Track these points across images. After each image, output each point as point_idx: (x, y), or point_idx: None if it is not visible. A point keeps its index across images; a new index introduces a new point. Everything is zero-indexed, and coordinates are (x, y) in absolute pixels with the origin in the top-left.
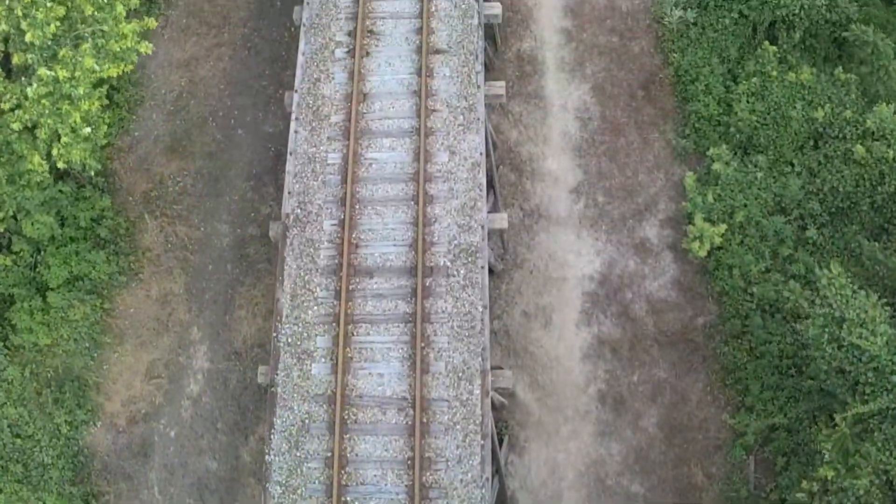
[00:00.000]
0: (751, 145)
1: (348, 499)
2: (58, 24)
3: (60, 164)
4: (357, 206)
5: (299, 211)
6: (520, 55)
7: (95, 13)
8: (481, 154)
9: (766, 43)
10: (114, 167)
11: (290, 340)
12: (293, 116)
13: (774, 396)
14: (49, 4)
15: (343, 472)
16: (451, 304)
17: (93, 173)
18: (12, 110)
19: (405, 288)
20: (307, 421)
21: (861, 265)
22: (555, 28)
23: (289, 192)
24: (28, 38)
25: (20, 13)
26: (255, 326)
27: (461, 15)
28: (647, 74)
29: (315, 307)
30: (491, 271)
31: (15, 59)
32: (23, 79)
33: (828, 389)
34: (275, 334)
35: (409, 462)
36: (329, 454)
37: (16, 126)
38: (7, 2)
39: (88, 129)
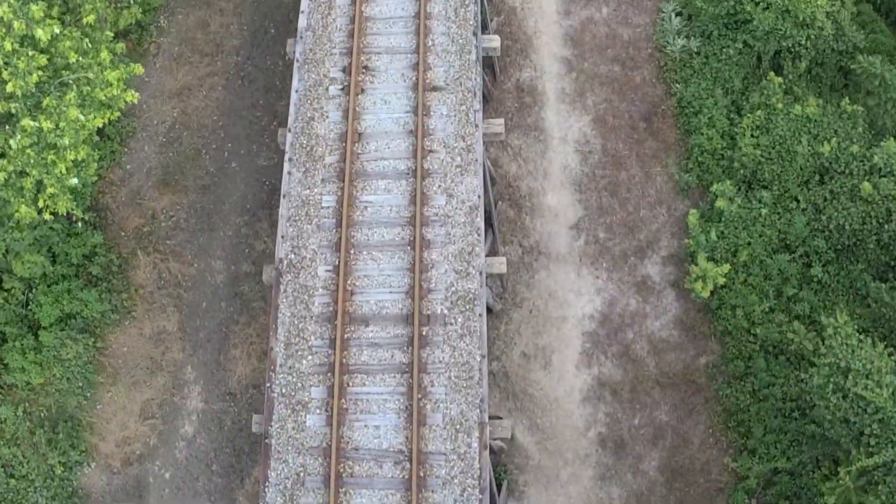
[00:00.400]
0: (755, 180)
1: None
2: (40, 73)
3: (47, 216)
4: (352, 252)
5: (293, 256)
6: (519, 85)
7: (80, 59)
8: (479, 197)
9: (772, 74)
10: (105, 201)
11: (284, 391)
12: (286, 157)
13: (777, 440)
14: (31, 53)
15: None
16: (448, 354)
17: (80, 222)
18: None
19: (401, 337)
20: (302, 474)
21: (867, 306)
22: (555, 57)
23: (282, 237)
24: (9, 88)
25: (0, 62)
26: (249, 367)
27: (458, 50)
28: (649, 105)
29: (309, 356)
30: (489, 311)
31: None
32: (6, 128)
33: (832, 437)
34: (268, 384)
35: None
36: None
37: (0, 177)
38: None
39: (75, 181)
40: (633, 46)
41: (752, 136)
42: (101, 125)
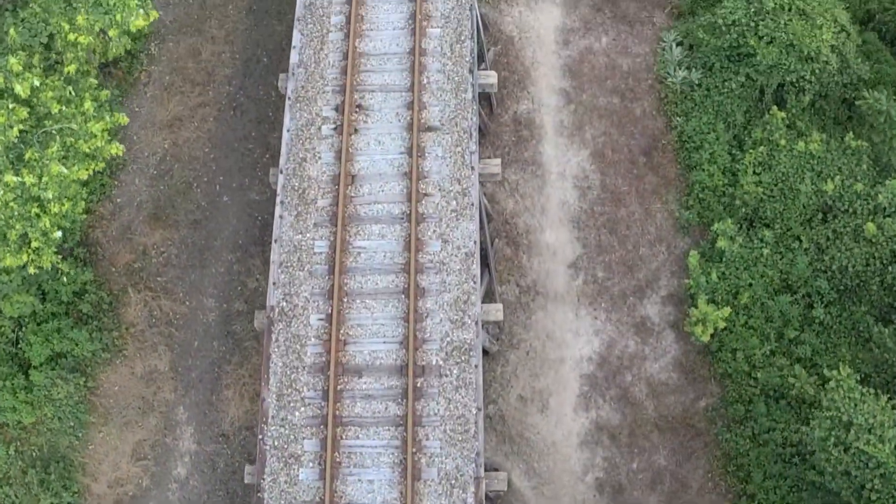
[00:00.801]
0: (757, 218)
1: None
2: (21, 126)
3: (31, 270)
4: (345, 300)
5: (285, 304)
6: (517, 118)
7: (63, 108)
8: (475, 243)
9: (775, 108)
10: (95, 236)
11: (276, 443)
12: (278, 199)
13: (777, 486)
14: (11, 106)
15: None
16: (443, 407)
17: (65, 278)
18: None
19: (396, 388)
20: None
21: (869, 350)
22: (553, 89)
23: (273, 283)
24: None
25: None
26: (242, 408)
27: (454, 88)
28: (649, 139)
29: (302, 408)
30: (486, 353)
31: None
32: None
33: (832, 489)
34: (260, 436)
35: None
36: None
37: None
38: None
39: (59, 234)
40: (632, 77)
41: (754, 173)
42: (85, 177)
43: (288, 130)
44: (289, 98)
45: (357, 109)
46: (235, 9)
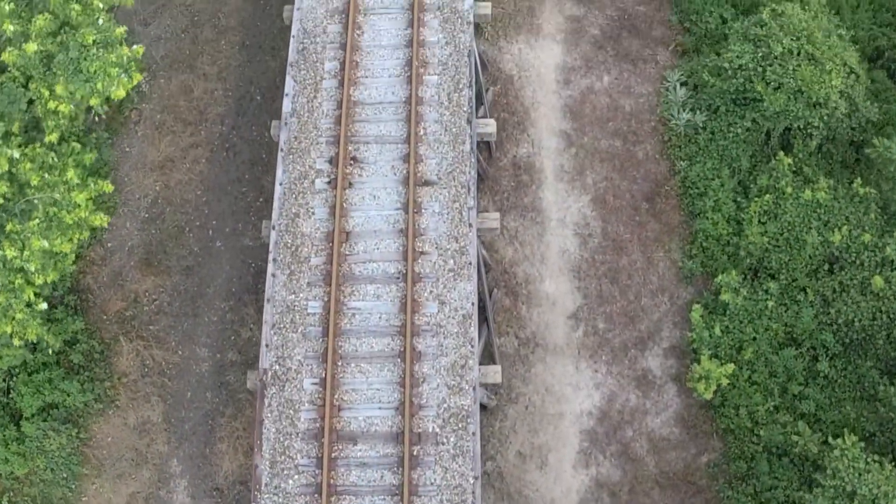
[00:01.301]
0: (762, 268)
1: None
2: (1, 200)
3: (17, 342)
4: (340, 363)
5: (278, 367)
6: (516, 162)
7: (46, 175)
8: (473, 304)
9: (781, 154)
10: (86, 282)
11: None
12: (270, 256)
13: None
14: None
15: None
16: (440, 476)
17: (52, 351)
18: None
19: (391, 456)
20: None
21: (875, 410)
22: (553, 131)
23: (266, 345)
24: None
25: None
26: (236, 462)
27: (452, 140)
28: (651, 184)
29: (296, 476)
30: (484, 408)
31: None
32: None
33: None
34: None
35: None
36: None
37: None
38: None
39: (45, 305)
40: (635, 119)
41: (759, 222)
42: (69, 250)
43: (280, 184)
44: (281, 149)
45: (351, 162)
46: (228, 44)
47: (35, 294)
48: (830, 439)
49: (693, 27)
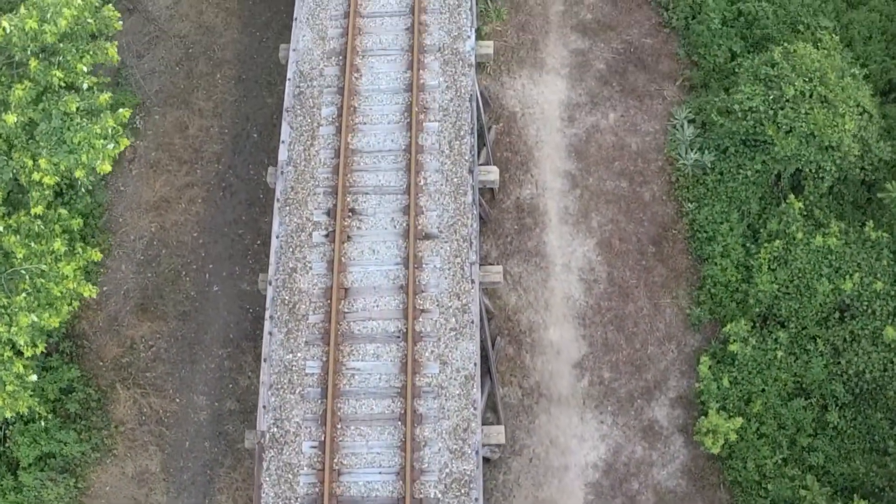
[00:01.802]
0: (771, 315)
1: None
2: None
3: (8, 414)
4: (339, 426)
5: (276, 430)
6: (519, 204)
7: (32, 245)
8: (476, 365)
9: (792, 198)
10: (82, 328)
11: None
12: (267, 314)
13: None
14: None
15: None
16: None
17: (43, 421)
18: None
19: None
20: None
21: (884, 464)
22: (558, 171)
23: (264, 407)
24: None
25: None
26: None
27: (453, 191)
28: (658, 227)
29: None
30: (487, 461)
31: None
32: None
33: None
34: None
35: None
36: None
37: None
38: None
39: (35, 377)
40: (641, 158)
41: (769, 269)
42: (57, 324)
43: (277, 237)
44: (278, 199)
45: (350, 214)
46: (223, 78)
47: (24, 367)
48: (838, 498)
49: (701, 61)
